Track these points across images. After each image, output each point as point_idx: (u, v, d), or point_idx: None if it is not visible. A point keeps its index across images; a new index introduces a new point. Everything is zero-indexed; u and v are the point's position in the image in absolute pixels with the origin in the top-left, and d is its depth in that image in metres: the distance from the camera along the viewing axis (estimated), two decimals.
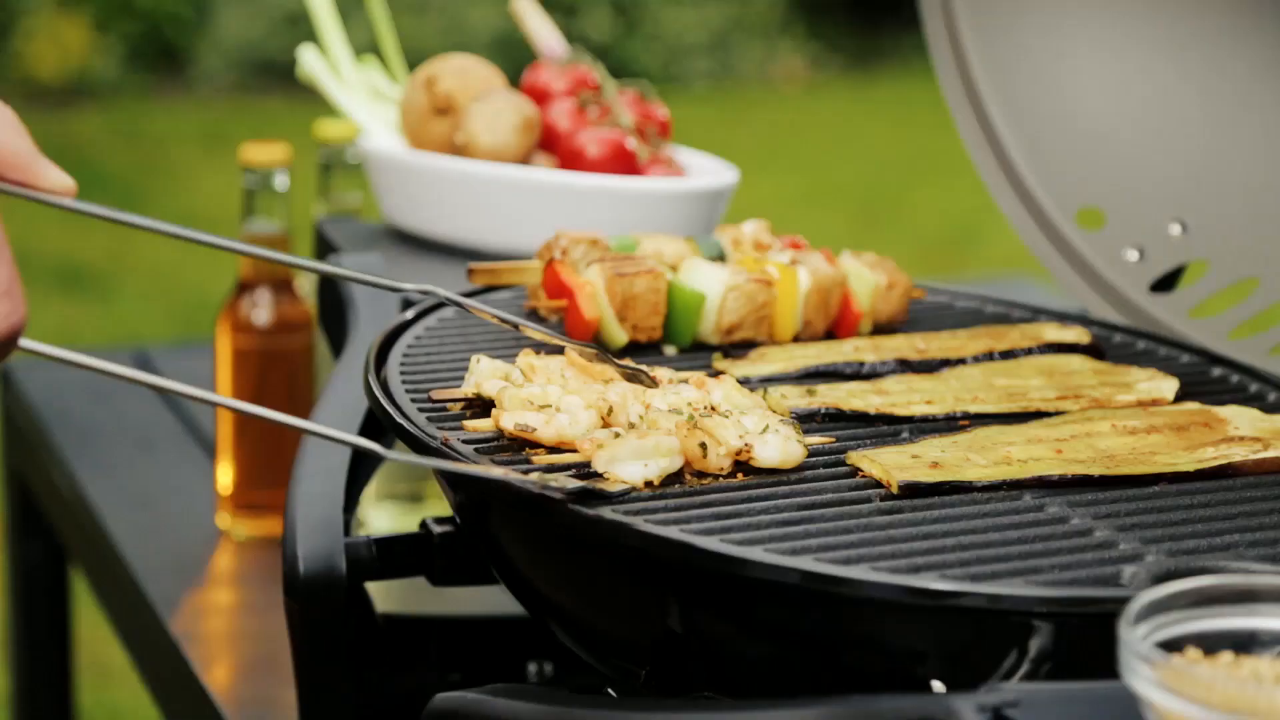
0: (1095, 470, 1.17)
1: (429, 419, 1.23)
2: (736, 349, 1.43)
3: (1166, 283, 1.63)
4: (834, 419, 1.28)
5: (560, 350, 1.29)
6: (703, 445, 1.15)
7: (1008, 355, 1.42)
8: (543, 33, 1.92)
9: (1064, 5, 1.65)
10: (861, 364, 1.38)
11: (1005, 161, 1.68)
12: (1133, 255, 1.62)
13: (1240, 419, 1.27)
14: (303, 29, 1.86)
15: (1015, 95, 1.68)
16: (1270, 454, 1.20)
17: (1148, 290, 1.61)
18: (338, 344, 1.57)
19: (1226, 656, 0.92)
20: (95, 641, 3.05)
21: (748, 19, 7.85)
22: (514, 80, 1.85)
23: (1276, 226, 1.54)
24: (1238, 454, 1.20)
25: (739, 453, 1.15)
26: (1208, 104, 1.59)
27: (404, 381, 1.30)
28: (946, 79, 1.71)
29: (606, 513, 1.08)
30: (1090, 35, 1.65)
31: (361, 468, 1.41)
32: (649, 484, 1.13)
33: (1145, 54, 1.62)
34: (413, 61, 1.89)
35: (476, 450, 1.17)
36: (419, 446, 1.18)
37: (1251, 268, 1.56)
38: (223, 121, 6.70)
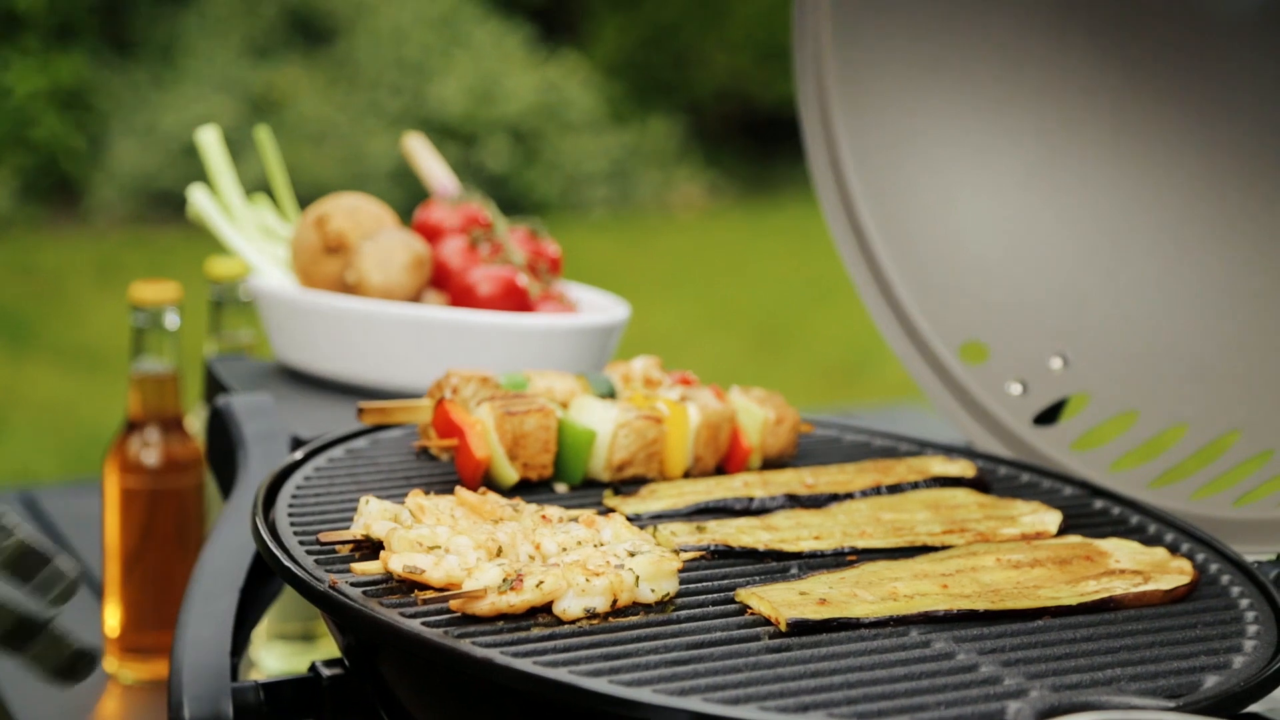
0: (980, 605, 1.18)
1: (317, 561, 1.22)
2: (627, 485, 1.44)
3: (1049, 415, 1.65)
4: (723, 555, 1.28)
5: (449, 489, 1.29)
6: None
7: (895, 489, 1.44)
8: (435, 171, 1.93)
9: (946, 147, 1.69)
10: (751, 499, 1.39)
11: (891, 297, 1.71)
12: (1016, 389, 1.65)
13: (1121, 552, 1.29)
14: (199, 161, 1.87)
15: (900, 232, 1.71)
16: (1150, 587, 1.22)
17: (1031, 423, 1.64)
18: (227, 484, 1.56)
19: None
20: None
21: (646, 147, 7.94)
22: (410, 212, 1.86)
23: (1155, 361, 1.57)
24: (1119, 587, 1.22)
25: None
26: (1087, 242, 1.63)
27: (292, 523, 1.29)
28: (832, 217, 1.74)
29: (495, 654, 1.08)
30: (973, 175, 1.69)
31: (250, 609, 1.40)
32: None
33: (1026, 194, 1.66)
34: (312, 192, 1.90)
35: (365, 593, 1.16)
36: (306, 590, 1.18)
37: (1131, 401, 1.59)
38: (117, 253, 6.66)
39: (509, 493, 1.39)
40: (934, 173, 1.69)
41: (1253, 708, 1.12)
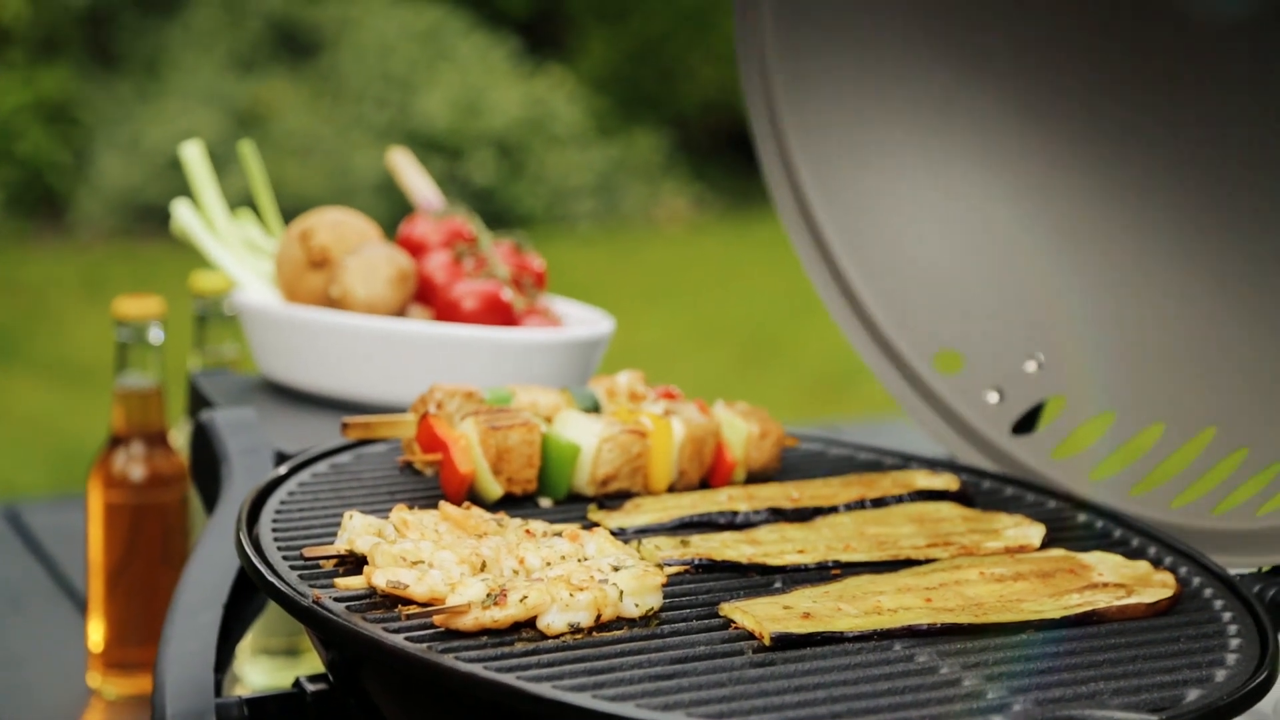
0: (964, 618, 1.18)
1: (301, 576, 1.22)
2: (612, 500, 1.44)
3: (1027, 423, 1.65)
4: (707, 569, 1.28)
5: (434, 504, 1.29)
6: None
7: (879, 503, 1.44)
8: (419, 185, 1.93)
9: (901, 155, 1.69)
10: (735, 514, 1.39)
11: (861, 313, 1.71)
12: (993, 397, 1.65)
13: (1104, 565, 1.29)
14: (184, 175, 1.88)
15: (864, 247, 1.71)
16: (1133, 600, 1.22)
17: (1010, 432, 1.64)
18: (210, 498, 1.56)
19: None
20: None
21: (631, 161, 7.95)
22: (395, 226, 1.86)
23: (1129, 358, 1.57)
24: (1102, 600, 1.22)
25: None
26: (1053, 241, 1.62)
27: (276, 538, 1.29)
28: (796, 237, 1.74)
29: (478, 669, 1.08)
30: (931, 182, 1.69)
31: (235, 624, 1.39)
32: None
33: (986, 197, 1.66)
34: (297, 206, 1.90)
35: (348, 608, 1.16)
36: (289, 605, 1.17)
37: (1107, 400, 1.58)
38: (103, 267, 6.65)
39: (493, 507, 1.39)
40: (892, 182, 1.69)
41: None
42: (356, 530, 1.24)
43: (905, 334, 1.69)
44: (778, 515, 1.40)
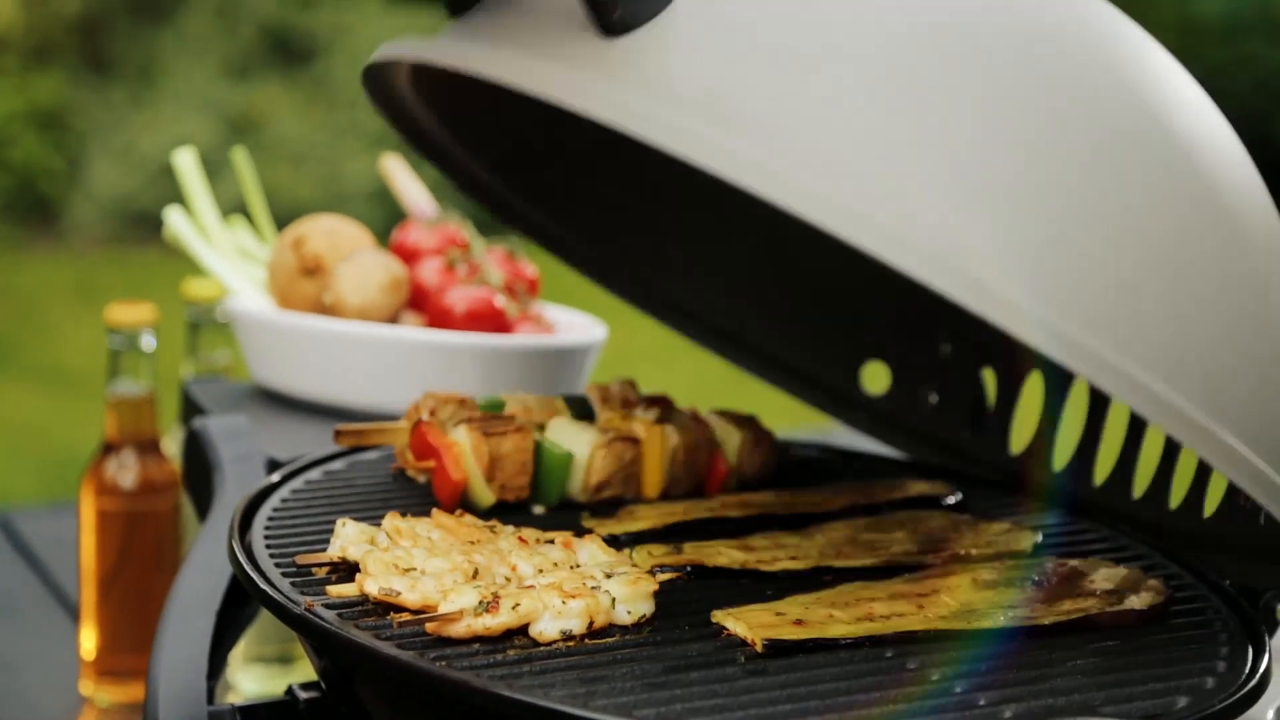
0: (956, 625, 1.19)
1: (293, 584, 1.22)
2: (605, 507, 1.44)
3: (979, 417, 1.63)
4: (700, 576, 1.28)
5: (426, 511, 1.29)
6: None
7: (872, 510, 1.44)
8: (412, 192, 1.94)
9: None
10: (728, 520, 1.40)
11: (776, 360, 1.71)
12: (934, 398, 1.64)
13: (1096, 571, 1.29)
14: (177, 181, 1.89)
15: (726, 311, 1.72)
16: (1125, 606, 1.23)
17: (970, 432, 1.62)
18: (203, 506, 1.56)
19: None
20: None
21: None
22: (389, 233, 1.86)
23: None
24: (1094, 606, 1.22)
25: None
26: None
27: (269, 546, 1.29)
28: (690, 333, 1.75)
29: (470, 677, 1.08)
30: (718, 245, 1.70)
31: (227, 632, 1.39)
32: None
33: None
34: (291, 212, 1.90)
35: (341, 616, 1.16)
36: (282, 613, 1.17)
37: (1029, 360, 1.56)
38: (96, 274, 6.65)
39: (486, 515, 1.39)
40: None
41: None
42: (349, 538, 1.24)
43: (823, 362, 1.68)
44: (771, 522, 1.40)
